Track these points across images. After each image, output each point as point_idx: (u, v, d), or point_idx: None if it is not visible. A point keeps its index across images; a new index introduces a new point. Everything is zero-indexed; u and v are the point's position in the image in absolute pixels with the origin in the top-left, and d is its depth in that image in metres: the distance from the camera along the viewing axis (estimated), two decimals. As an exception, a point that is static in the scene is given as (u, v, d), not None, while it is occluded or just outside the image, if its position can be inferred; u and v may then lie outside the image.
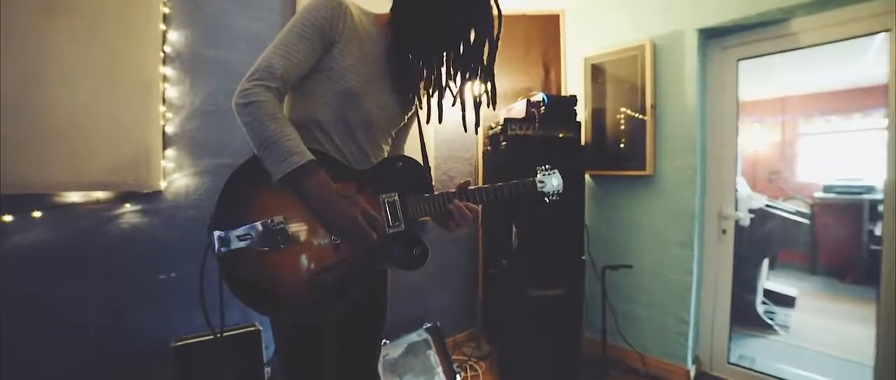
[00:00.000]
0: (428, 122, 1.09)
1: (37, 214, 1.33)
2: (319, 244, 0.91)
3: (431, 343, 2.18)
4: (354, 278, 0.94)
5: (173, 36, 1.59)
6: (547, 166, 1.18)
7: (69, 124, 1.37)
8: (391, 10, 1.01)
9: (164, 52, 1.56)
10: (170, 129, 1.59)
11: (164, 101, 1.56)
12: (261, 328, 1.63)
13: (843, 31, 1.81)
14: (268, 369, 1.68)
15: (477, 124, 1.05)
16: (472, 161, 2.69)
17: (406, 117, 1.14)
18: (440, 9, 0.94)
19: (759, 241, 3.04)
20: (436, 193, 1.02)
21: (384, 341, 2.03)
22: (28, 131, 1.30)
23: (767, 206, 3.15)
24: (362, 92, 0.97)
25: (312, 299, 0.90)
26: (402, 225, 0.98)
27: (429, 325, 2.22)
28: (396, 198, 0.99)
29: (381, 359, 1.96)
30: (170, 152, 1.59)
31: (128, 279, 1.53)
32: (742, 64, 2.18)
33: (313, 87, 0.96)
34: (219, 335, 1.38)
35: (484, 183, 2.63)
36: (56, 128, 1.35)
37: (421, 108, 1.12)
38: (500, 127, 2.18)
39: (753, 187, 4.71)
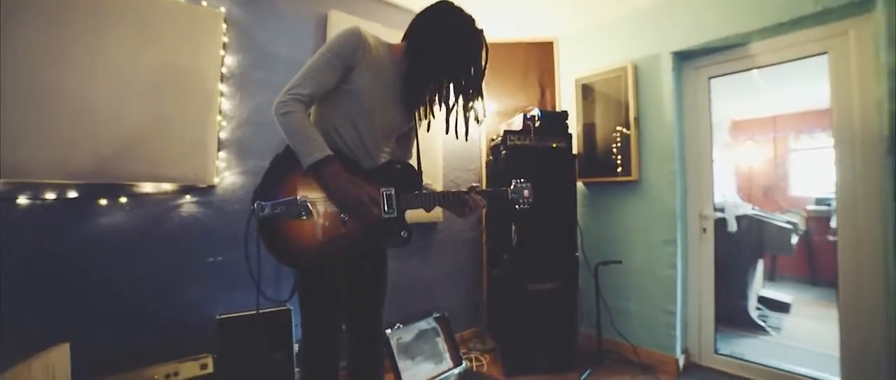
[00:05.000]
0: (428, 130, 1.40)
1: (123, 199, 1.65)
2: (331, 220, 1.21)
3: (440, 331, 2.41)
4: (354, 248, 1.24)
5: (229, 59, 1.95)
6: (522, 179, 1.46)
7: (153, 130, 1.72)
8: (405, 46, 1.31)
9: (221, 72, 1.91)
10: (223, 135, 1.92)
11: (220, 112, 1.90)
12: (291, 308, 1.89)
13: (791, 53, 2.11)
14: (296, 346, 1.92)
15: (467, 134, 1.33)
16: (476, 171, 2.98)
17: (406, 128, 1.42)
18: (443, 51, 1.25)
19: (746, 244, 3.23)
20: (425, 192, 1.34)
21: (397, 325, 2.27)
22: (126, 136, 1.66)
23: (753, 211, 3.36)
24: (371, 107, 1.27)
25: (321, 257, 1.21)
26: (395, 212, 1.27)
27: (437, 314, 2.45)
28: (393, 192, 1.28)
29: (395, 341, 2.20)
30: (222, 154, 1.92)
31: (183, 260, 1.82)
32: (728, 85, 2.51)
33: (335, 100, 1.27)
34: (257, 311, 1.61)
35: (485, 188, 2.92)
36: (145, 133, 1.71)
37: (421, 120, 1.40)
38: (500, 138, 2.48)
39: (749, 201, 4.90)
